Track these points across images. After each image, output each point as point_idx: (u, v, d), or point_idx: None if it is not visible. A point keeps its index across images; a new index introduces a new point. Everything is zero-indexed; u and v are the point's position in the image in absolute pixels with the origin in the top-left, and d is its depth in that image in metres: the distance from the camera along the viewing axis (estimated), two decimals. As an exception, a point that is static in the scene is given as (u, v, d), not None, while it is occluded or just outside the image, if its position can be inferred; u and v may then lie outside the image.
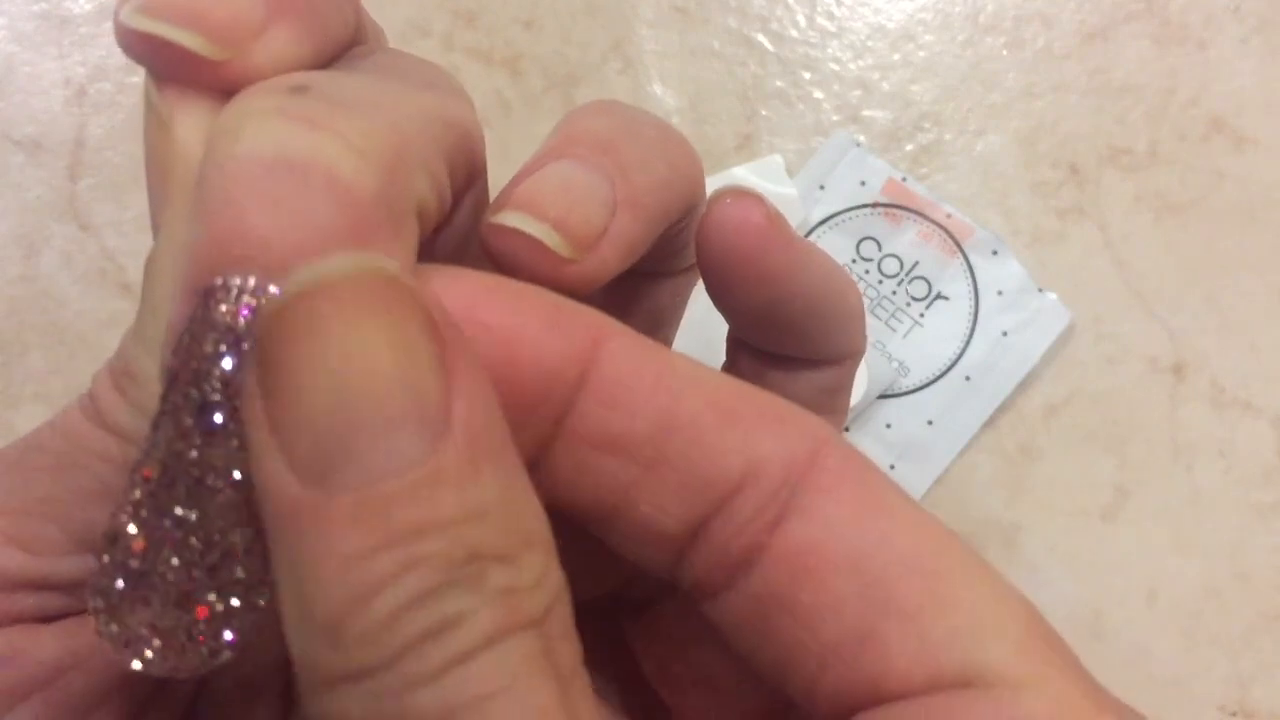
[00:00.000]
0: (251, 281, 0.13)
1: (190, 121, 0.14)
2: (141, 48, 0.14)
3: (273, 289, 0.13)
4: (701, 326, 0.29)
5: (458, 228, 0.17)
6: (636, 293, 0.22)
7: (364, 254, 0.12)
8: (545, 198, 0.17)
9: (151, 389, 0.14)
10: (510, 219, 0.16)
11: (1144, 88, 0.42)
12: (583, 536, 0.15)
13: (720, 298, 0.20)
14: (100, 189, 0.42)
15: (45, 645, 0.15)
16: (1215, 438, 0.39)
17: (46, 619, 0.15)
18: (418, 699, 0.11)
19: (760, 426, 0.15)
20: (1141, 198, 0.41)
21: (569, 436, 0.15)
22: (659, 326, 0.23)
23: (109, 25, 0.43)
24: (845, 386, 0.22)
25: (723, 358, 0.23)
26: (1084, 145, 0.41)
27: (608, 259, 0.17)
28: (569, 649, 0.13)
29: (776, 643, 0.14)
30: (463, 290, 0.14)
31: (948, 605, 0.14)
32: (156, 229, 0.15)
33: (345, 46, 0.17)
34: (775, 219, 0.19)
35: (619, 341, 0.15)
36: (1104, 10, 0.42)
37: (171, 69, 0.14)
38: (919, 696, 0.13)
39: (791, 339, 0.21)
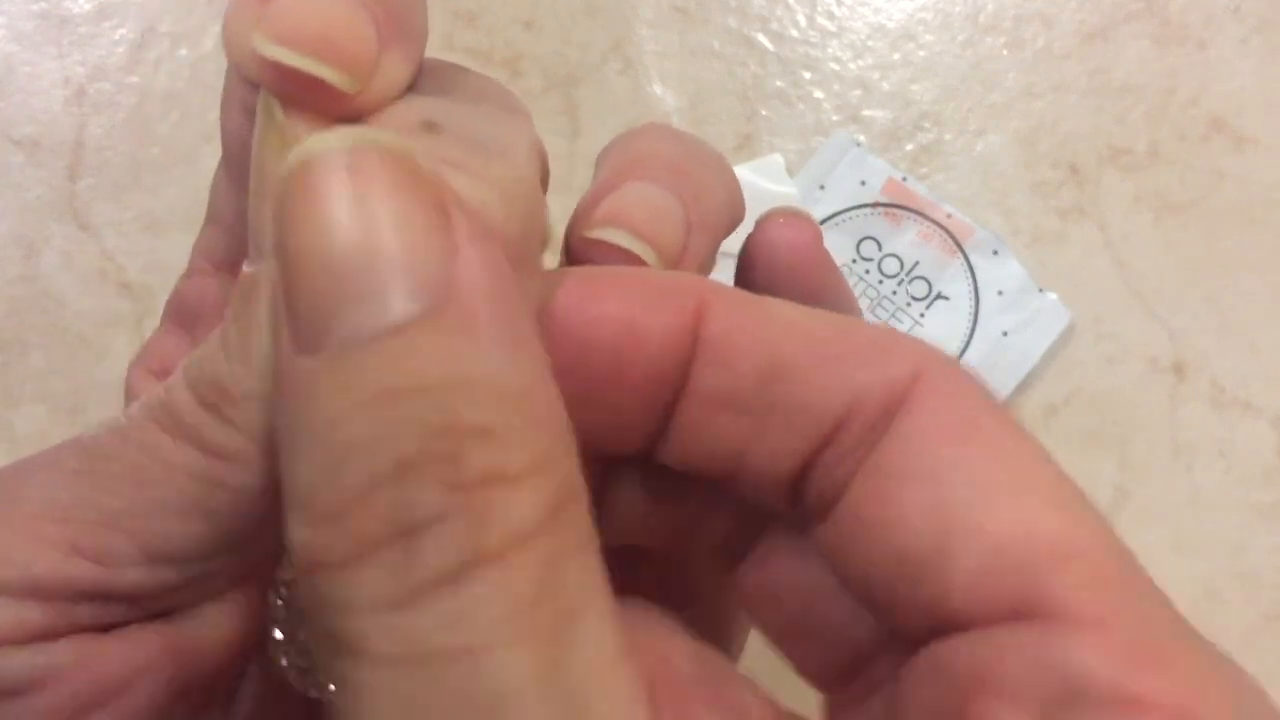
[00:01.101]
0: None
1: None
2: (273, 76, 0.14)
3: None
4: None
5: None
6: None
7: (370, 129, 0.13)
8: (636, 214, 0.17)
9: (251, 406, 0.14)
10: (610, 234, 0.17)
11: (1144, 88, 0.42)
12: (690, 489, 0.16)
13: None
14: (100, 189, 0.42)
15: (112, 656, 0.15)
16: (1215, 438, 0.39)
17: (106, 628, 0.15)
18: (372, 624, 0.11)
19: (859, 360, 0.15)
20: (1141, 198, 0.41)
21: (690, 400, 0.15)
22: None
23: (109, 25, 0.43)
24: None
25: None
26: (1084, 145, 0.41)
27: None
28: (578, 569, 0.12)
29: (861, 562, 0.14)
30: (574, 284, 0.14)
31: (1017, 533, 0.13)
32: (264, 252, 0.14)
33: None
34: (820, 239, 0.20)
35: (720, 302, 0.15)
36: (1104, 10, 0.42)
37: (304, 98, 0.15)
38: (980, 628, 0.13)
39: None
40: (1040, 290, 0.40)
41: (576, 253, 0.17)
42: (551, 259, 0.21)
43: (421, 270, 0.11)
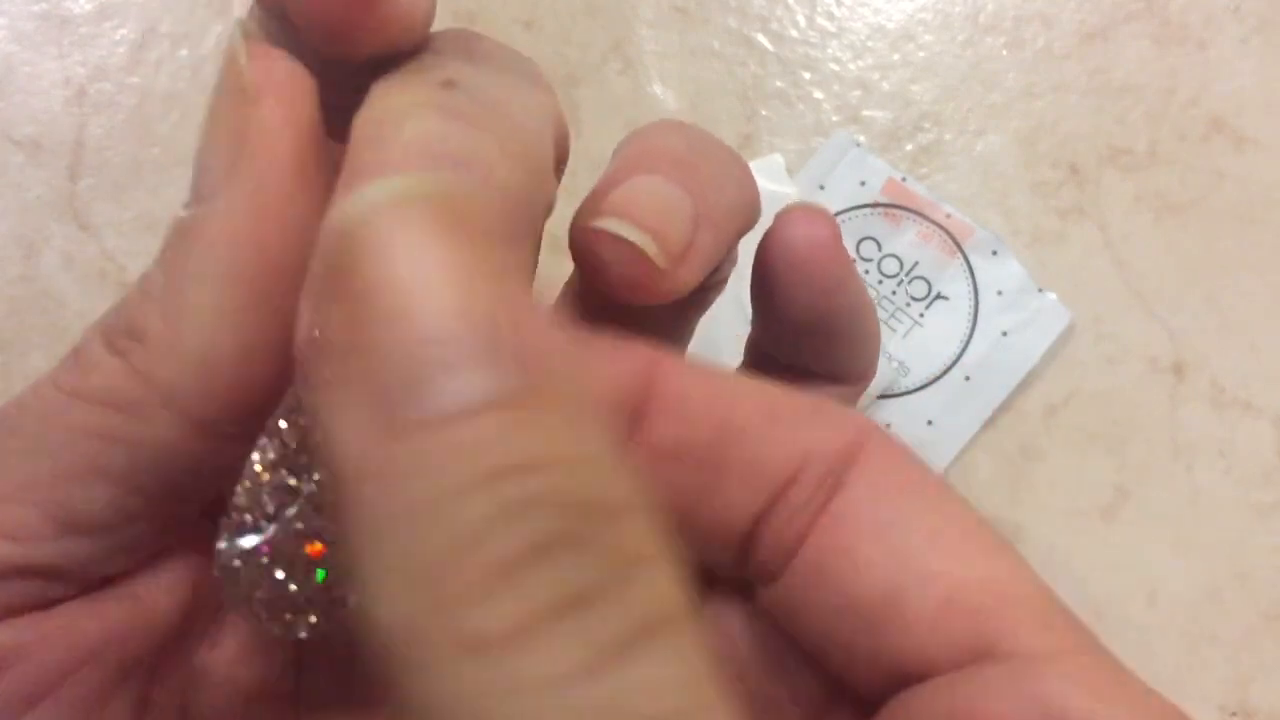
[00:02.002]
0: None
1: (280, 102, 0.14)
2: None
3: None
4: (704, 326, 0.29)
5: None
6: (672, 306, 0.22)
7: (431, 175, 0.12)
8: (641, 207, 0.17)
9: (163, 354, 0.14)
10: (613, 225, 0.17)
11: (1144, 88, 0.42)
12: None
13: (771, 306, 0.20)
14: (100, 189, 0.42)
15: (53, 640, 0.15)
16: (1215, 438, 0.39)
17: (43, 607, 0.15)
18: (565, 698, 0.10)
19: (808, 422, 0.16)
20: (1141, 198, 0.41)
21: (639, 450, 0.15)
22: (685, 335, 0.24)
23: (109, 25, 0.43)
24: (853, 405, 0.24)
25: (725, 357, 0.23)
26: (1084, 145, 0.41)
27: (694, 270, 0.18)
28: (700, 637, 0.11)
29: (817, 617, 0.15)
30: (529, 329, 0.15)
31: (969, 581, 0.14)
32: (204, 198, 0.14)
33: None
34: (838, 234, 0.20)
35: (674, 362, 0.16)
36: (1104, 10, 0.42)
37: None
38: (944, 672, 0.14)
39: (824, 353, 0.22)
40: (1040, 290, 0.40)
41: (580, 245, 0.17)
42: (547, 256, 0.20)
43: (520, 344, 0.11)
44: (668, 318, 0.23)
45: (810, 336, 0.21)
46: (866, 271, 0.41)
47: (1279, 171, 0.41)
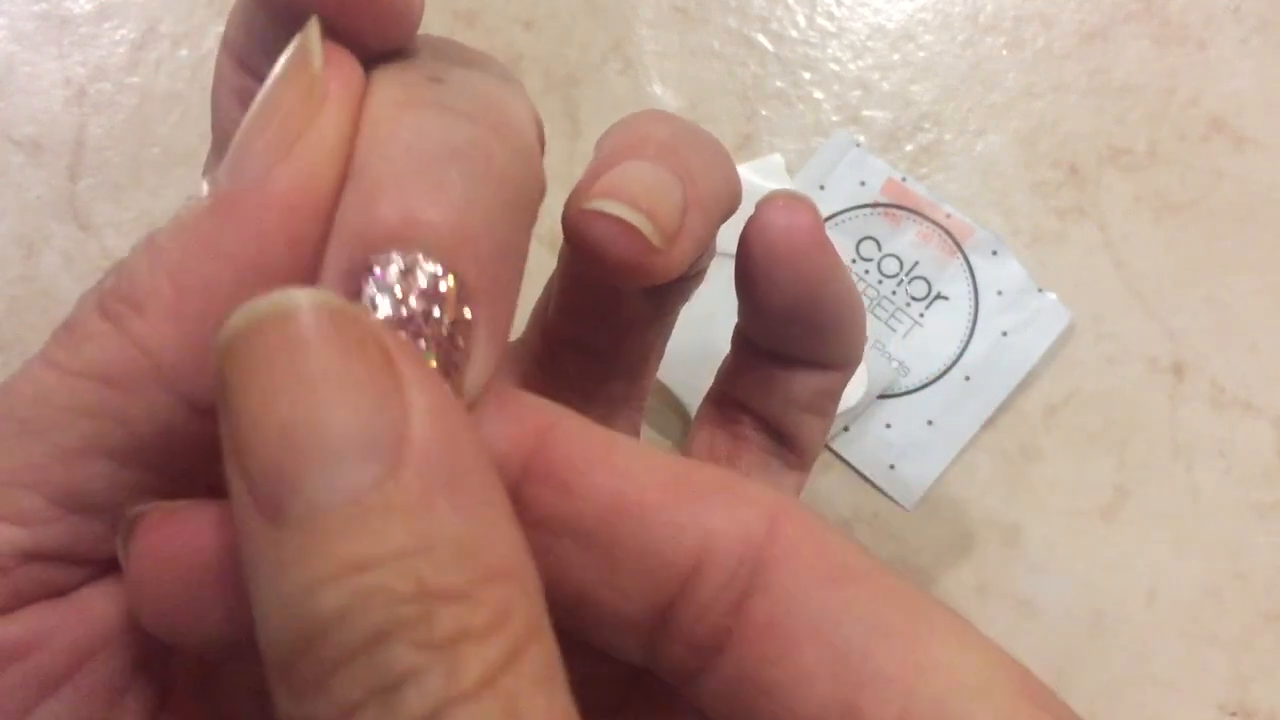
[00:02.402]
0: (406, 261, 0.13)
1: (342, 105, 0.15)
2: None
3: (429, 264, 0.13)
4: (700, 326, 0.29)
5: None
6: (653, 295, 0.22)
7: (315, 289, 0.13)
8: (634, 189, 0.17)
9: (163, 325, 0.14)
10: (608, 205, 0.17)
11: (1144, 88, 0.42)
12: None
13: (755, 294, 0.20)
14: (100, 189, 0.42)
15: (69, 627, 0.15)
16: (1215, 438, 0.39)
17: (56, 593, 0.15)
18: None
19: (710, 503, 0.15)
20: (1141, 198, 0.41)
21: (523, 521, 0.15)
22: (665, 326, 0.24)
23: (109, 25, 0.43)
24: (839, 393, 0.23)
25: (721, 357, 0.23)
26: (1084, 145, 0.41)
27: (685, 252, 0.18)
28: (544, 701, 0.12)
29: None
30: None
31: (926, 671, 0.13)
32: (243, 178, 0.14)
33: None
34: (820, 222, 0.20)
35: (566, 426, 0.15)
36: (1104, 10, 0.42)
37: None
38: None
39: (809, 341, 0.22)
40: (1040, 290, 0.40)
41: (573, 227, 0.17)
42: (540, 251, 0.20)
43: (375, 435, 0.12)
44: (649, 309, 0.23)
45: (794, 324, 0.21)
46: (866, 271, 0.41)
47: (1279, 171, 0.41)
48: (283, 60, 0.15)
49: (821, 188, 0.41)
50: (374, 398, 0.12)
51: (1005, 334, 0.40)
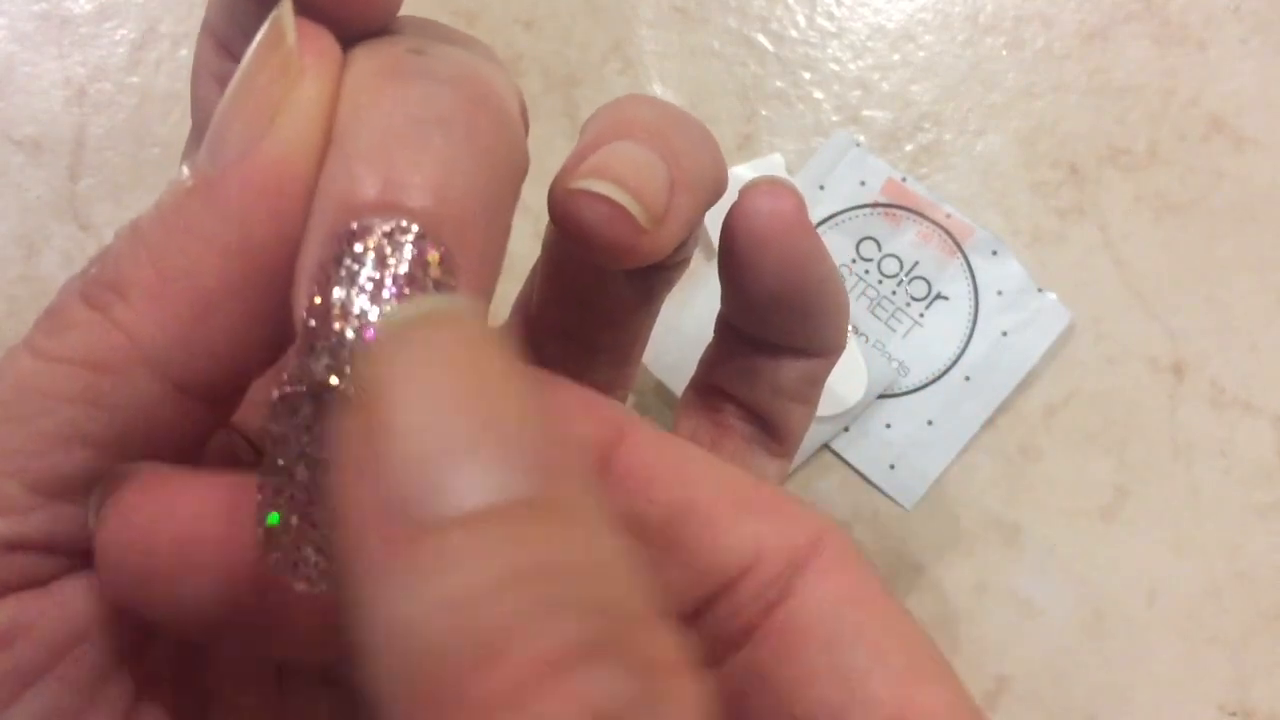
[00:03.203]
0: (390, 227, 0.13)
1: (319, 80, 0.15)
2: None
3: (412, 231, 0.13)
4: (701, 325, 0.29)
5: None
6: (638, 280, 0.22)
7: (459, 298, 0.13)
8: (621, 168, 0.17)
9: (147, 310, 0.14)
10: (595, 185, 0.17)
11: (1144, 88, 0.42)
12: None
13: (737, 280, 0.20)
14: (100, 189, 0.42)
15: (52, 616, 0.15)
16: (1215, 438, 0.39)
17: (37, 583, 0.15)
18: None
19: (768, 517, 0.15)
20: (1141, 198, 0.41)
21: None
22: (650, 313, 0.24)
23: (109, 25, 0.43)
24: (822, 380, 0.23)
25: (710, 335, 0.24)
26: (1084, 145, 0.41)
27: (672, 232, 0.18)
28: None
29: (755, 717, 0.15)
30: None
31: (910, 705, 0.14)
32: (223, 161, 0.14)
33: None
34: (803, 207, 0.20)
35: (642, 433, 0.15)
36: (1104, 10, 0.42)
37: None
38: None
39: (792, 327, 0.22)
40: (1040, 290, 0.40)
41: (560, 207, 0.17)
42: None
43: (543, 454, 0.11)
44: (633, 295, 0.23)
45: (777, 311, 0.21)
46: (866, 271, 0.41)
47: (1279, 171, 0.41)
48: (256, 39, 0.15)
49: (821, 188, 0.41)
50: (531, 415, 0.11)
51: (1005, 334, 0.40)
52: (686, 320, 0.24)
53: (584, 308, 0.23)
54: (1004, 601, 0.38)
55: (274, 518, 0.13)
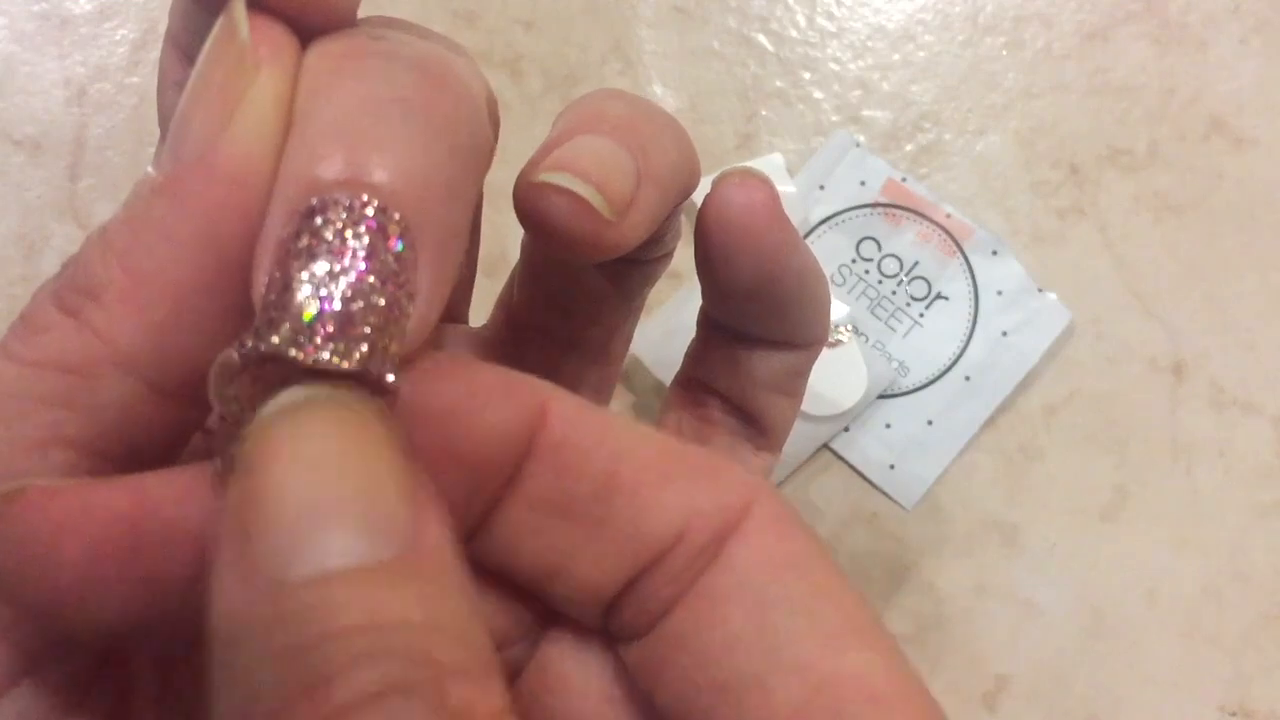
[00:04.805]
0: (350, 202, 0.13)
1: (275, 73, 0.15)
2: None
3: (372, 206, 0.13)
4: (683, 310, 0.29)
5: None
6: (617, 277, 0.22)
7: (343, 392, 0.13)
8: (584, 161, 0.17)
9: (119, 312, 0.14)
10: (556, 177, 0.17)
11: (1144, 88, 0.42)
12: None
13: (713, 272, 0.20)
14: (100, 189, 0.42)
15: (27, 623, 0.15)
16: (1215, 438, 0.39)
17: None
18: None
19: (696, 483, 0.15)
20: (1141, 198, 0.41)
21: (518, 501, 0.15)
22: (631, 311, 0.24)
23: (109, 25, 0.43)
24: (806, 372, 0.23)
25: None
26: (1084, 145, 0.41)
27: (638, 225, 0.18)
28: None
29: (678, 683, 0.15)
30: (417, 366, 0.14)
31: (838, 674, 0.14)
32: (185, 158, 0.15)
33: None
34: (776, 198, 0.19)
35: (564, 406, 0.15)
36: (1103, 10, 0.42)
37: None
38: None
39: (771, 319, 0.21)
40: (1040, 290, 0.40)
41: (522, 201, 0.17)
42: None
43: (393, 521, 0.12)
44: (613, 291, 0.23)
45: (756, 302, 0.21)
46: (867, 271, 0.41)
47: (1279, 171, 0.41)
48: (210, 36, 0.15)
49: (821, 188, 0.41)
50: (398, 493, 0.12)
51: (1005, 334, 0.40)
52: (685, 319, 0.24)
53: (563, 305, 0.23)
54: (1004, 601, 0.38)
55: None
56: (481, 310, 0.25)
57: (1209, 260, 0.40)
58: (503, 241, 0.39)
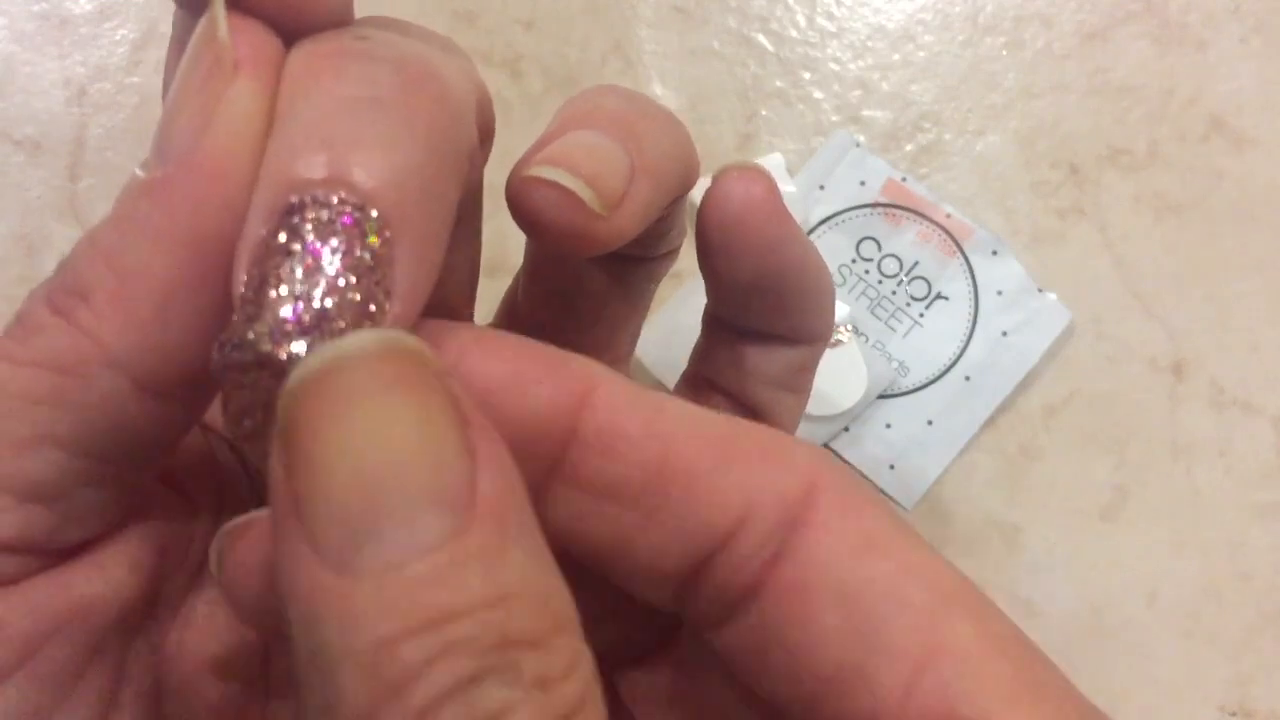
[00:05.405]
0: (327, 199, 0.13)
1: (255, 74, 0.15)
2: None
3: (349, 204, 0.13)
4: (686, 309, 0.29)
5: (467, 191, 0.18)
6: (621, 275, 0.22)
7: (389, 332, 0.13)
8: (575, 156, 0.17)
9: (108, 313, 0.14)
10: (546, 171, 0.17)
11: (1144, 88, 0.42)
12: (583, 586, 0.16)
13: (715, 267, 0.20)
14: (100, 189, 0.42)
15: (20, 615, 0.15)
16: (1215, 438, 0.39)
17: (7, 582, 0.15)
18: None
19: (755, 465, 0.15)
20: (1141, 198, 0.41)
21: (566, 484, 0.15)
22: (636, 309, 0.24)
23: (109, 25, 0.43)
24: (812, 368, 0.23)
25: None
26: (1084, 145, 0.41)
27: (630, 218, 0.18)
28: None
29: (775, 675, 0.14)
30: (456, 341, 0.14)
31: (936, 647, 0.14)
32: (169, 160, 0.15)
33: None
34: (776, 192, 0.19)
35: (609, 388, 0.15)
36: (1103, 10, 0.42)
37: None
38: None
39: (775, 314, 0.21)
40: (1040, 290, 0.40)
41: (515, 195, 0.17)
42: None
43: (449, 485, 0.12)
44: (616, 289, 0.23)
45: (758, 297, 0.21)
46: (867, 271, 0.41)
47: (1279, 171, 0.41)
48: (192, 38, 0.15)
49: (821, 188, 0.41)
50: (448, 447, 0.12)
51: (1005, 334, 0.40)
52: (685, 318, 0.24)
53: (567, 303, 0.23)
54: (1004, 601, 0.38)
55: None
56: (482, 312, 0.25)
57: (1209, 260, 0.40)
58: (504, 243, 0.39)
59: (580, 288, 0.22)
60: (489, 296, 0.25)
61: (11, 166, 0.42)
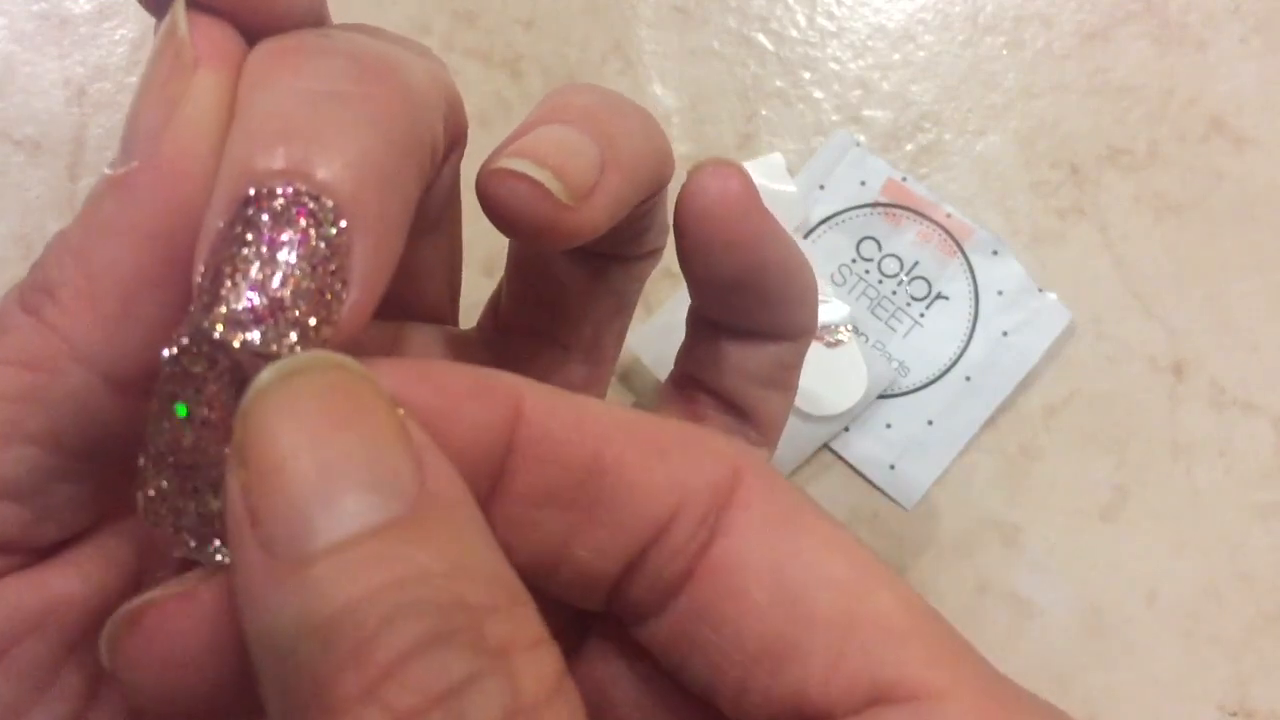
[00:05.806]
0: (290, 190, 0.14)
1: (214, 70, 0.15)
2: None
3: (305, 195, 0.14)
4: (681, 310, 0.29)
5: (439, 191, 0.19)
6: (604, 274, 0.22)
7: (338, 355, 0.13)
8: (543, 148, 0.17)
9: (75, 309, 0.14)
10: (513, 163, 0.17)
11: (1144, 88, 0.42)
12: None
13: (693, 264, 0.20)
14: (100, 189, 0.42)
15: None
16: (1215, 438, 0.39)
17: None
18: None
19: (684, 455, 0.15)
20: (1141, 198, 0.41)
21: (507, 499, 0.15)
22: (620, 309, 0.24)
23: (109, 25, 0.43)
24: (798, 364, 0.23)
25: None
26: (1084, 145, 0.41)
27: (600, 210, 0.18)
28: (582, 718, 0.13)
29: (705, 658, 0.15)
30: (389, 376, 0.15)
31: (861, 618, 0.14)
32: (133, 156, 0.15)
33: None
34: (752, 187, 0.20)
35: (536, 397, 0.15)
36: (1103, 10, 0.42)
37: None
38: (844, 716, 0.14)
39: (756, 310, 0.21)
40: (1040, 290, 0.40)
41: (483, 187, 0.18)
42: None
43: (400, 474, 0.12)
44: (598, 287, 0.22)
45: (738, 293, 0.21)
46: (867, 271, 0.41)
47: (1279, 171, 0.41)
48: (156, 38, 0.15)
49: (821, 187, 0.41)
50: (396, 444, 0.12)
51: (1005, 334, 0.40)
52: (684, 318, 0.24)
53: (550, 304, 0.23)
54: (1004, 601, 0.38)
55: (151, 479, 0.14)
56: (481, 312, 0.25)
57: (1209, 260, 0.40)
58: (504, 243, 0.39)
59: (562, 288, 0.22)
60: (489, 296, 0.25)
61: (11, 166, 0.42)
